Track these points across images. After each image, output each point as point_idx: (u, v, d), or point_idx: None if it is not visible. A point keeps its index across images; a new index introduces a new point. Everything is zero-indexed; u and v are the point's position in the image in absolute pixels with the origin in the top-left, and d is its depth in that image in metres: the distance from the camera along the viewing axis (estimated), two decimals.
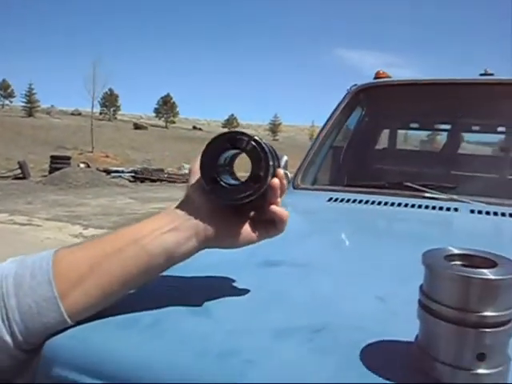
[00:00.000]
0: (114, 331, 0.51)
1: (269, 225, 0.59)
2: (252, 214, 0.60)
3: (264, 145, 0.54)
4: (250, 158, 0.54)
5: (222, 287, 0.63)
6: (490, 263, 0.42)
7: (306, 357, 0.46)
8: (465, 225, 1.24)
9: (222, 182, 0.55)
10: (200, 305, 0.57)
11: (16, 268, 0.52)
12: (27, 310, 0.49)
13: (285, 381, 0.42)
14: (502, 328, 0.39)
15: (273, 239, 0.61)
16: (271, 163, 0.54)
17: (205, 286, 0.64)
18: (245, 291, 0.62)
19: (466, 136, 2.37)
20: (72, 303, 0.51)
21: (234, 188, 0.55)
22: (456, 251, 0.44)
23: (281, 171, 0.57)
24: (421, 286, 0.44)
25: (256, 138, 0.54)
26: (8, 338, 0.49)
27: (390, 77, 2.02)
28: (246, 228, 0.58)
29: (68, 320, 0.51)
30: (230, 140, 0.54)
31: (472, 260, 0.44)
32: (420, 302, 0.43)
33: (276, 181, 0.56)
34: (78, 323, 0.52)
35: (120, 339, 0.50)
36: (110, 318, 0.53)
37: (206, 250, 0.58)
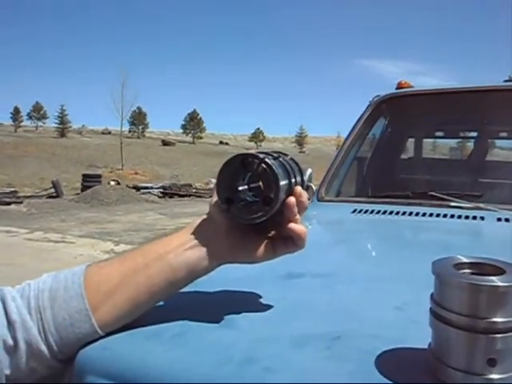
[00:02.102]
0: (141, 342, 0.54)
1: (288, 241, 0.60)
2: (271, 230, 0.61)
3: (275, 167, 0.55)
4: (261, 181, 0.56)
5: (243, 299, 0.66)
6: (499, 271, 0.43)
7: (322, 364, 0.48)
8: (491, 233, 1.23)
9: (236, 202, 0.57)
10: (222, 316, 0.60)
11: (51, 283, 0.57)
12: (61, 321, 0.53)
13: None
14: (511, 333, 0.40)
15: (296, 252, 0.62)
16: (284, 182, 0.56)
17: (227, 299, 0.67)
18: (265, 302, 0.64)
19: (493, 143, 2.34)
20: (102, 315, 0.55)
21: (246, 208, 0.57)
22: (465, 260, 0.46)
23: (298, 189, 0.59)
24: (432, 295, 0.45)
25: (267, 160, 0.56)
26: (44, 348, 0.53)
27: (412, 86, 2.03)
28: (265, 244, 0.60)
29: (99, 331, 0.54)
30: (243, 162, 0.56)
31: (481, 268, 0.45)
32: (431, 309, 0.44)
33: (292, 199, 0.57)
34: (108, 334, 0.55)
35: (147, 349, 0.53)
36: (138, 330, 0.56)
37: (229, 264, 0.60)
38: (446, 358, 0.43)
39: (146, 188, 17.92)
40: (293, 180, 0.59)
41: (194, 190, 18.36)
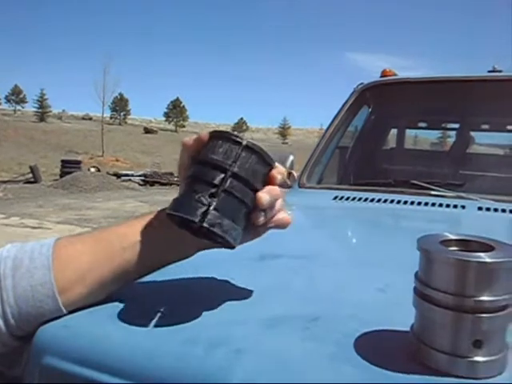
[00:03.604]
0: (104, 321, 0.50)
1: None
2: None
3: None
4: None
5: (214, 281, 0.62)
6: (487, 248, 0.40)
7: (298, 345, 0.45)
8: (472, 222, 1.22)
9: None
10: (191, 298, 0.57)
11: (16, 252, 0.52)
12: (22, 292, 0.49)
13: (274, 369, 0.41)
14: (499, 313, 0.38)
15: (269, 234, 0.59)
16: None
17: (197, 281, 0.63)
18: (238, 284, 0.61)
19: (476, 134, 2.34)
20: (69, 294, 0.51)
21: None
22: (452, 237, 0.43)
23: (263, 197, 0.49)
24: (416, 273, 0.42)
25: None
26: (0, 321, 0.48)
27: (396, 75, 2.01)
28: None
29: (62, 308, 0.50)
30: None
31: (468, 245, 0.42)
32: (415, 288, 0.42)
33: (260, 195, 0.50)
34: (70, 312, 0.51)
35: (110, 329, 0.49)
36: (101, 308, 0.53)
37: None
38: (429, 339, 0.40)
39: (127, 175, 17.72)
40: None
41: (175, 179, 18.18)
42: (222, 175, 0.48)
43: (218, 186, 0.48)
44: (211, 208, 0.47)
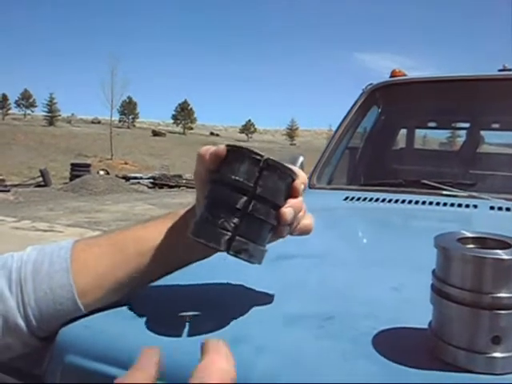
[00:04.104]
0: (125, 321, 0.51)
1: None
2: None
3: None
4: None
5: (231, 281, 0.63)
6: (504, 245, 0.41)
7: (315, 343, 0.45)
8: (485, 221, 1.22)
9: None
10: (209, 297, 0.58)
11: (36, 255, 0.53)
12: (43, 295, 0.50)
13: (292, 366, 0.41)
14: None
15: None
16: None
17: (215, 281, 0.64)
18: (255, 283, 0.61)
19: (486, 134, 2.33)
20: (88, 295, 0.52)
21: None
22: (469, 234, 0.44)
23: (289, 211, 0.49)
24: (433, 271, 0.43)
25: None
26: (21, 322, 0.50)
27: (405, 75, 2.01)
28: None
29: (82, 308, 0.51)
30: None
31: (485, 242, 0.43)
32: (433, 285, 0.42)
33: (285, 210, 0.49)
34: (90, 312, 0.52)
35: (130, 328, 0.50)
36: (122, 308, 0.54)
37: None
38: (447, 336, 0.41)
39: (136, 178, 17.82)
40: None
41: (184, 181, 18.26)
42: (245, 198, 0.46)
43: (241, 210, 0.46)
44: (236, 234, 0.46)
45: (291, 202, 0.50)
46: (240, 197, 0.46)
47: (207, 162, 0.49)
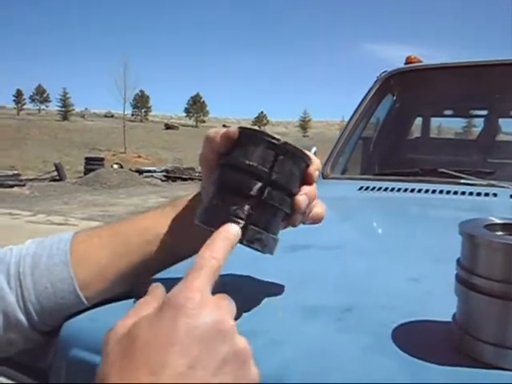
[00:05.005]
0: None
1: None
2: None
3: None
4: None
5: (246, 271, 0.61)
6: None
7: (333, 336, 0.43)
8: (506, 209, 1.17)
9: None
10: (225, 288, 0.55)
11: (34, 249, 0.52)
12: (43, 289, 0.48)
13: (306, 360, 0.39)
14: None
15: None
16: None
17: (229, 271, 0.62)
18: (270, 274, 0.59)
19: (504, 121, 2.26)
20: (89, 286, 0.50)
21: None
22: (497, 221, 0.40)
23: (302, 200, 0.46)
24: (458, 260, 0.40)
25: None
26: (22, 317, 0.48)
27: (421, 61, 1.95)
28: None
29: (85, 301, 0.50)
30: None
31: None
32: (457, 275, 0.39)
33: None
34: (95, 305, 0.51)
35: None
36: (127, 301, 0.51)
37: None
38: (474, 330, 0.38)
39: (149, 171, 17.89)
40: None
41: (197, 174, 18.28)
42: (259, 184, 0.43)
43: (254, 197, 0.43)
44: (249, 223, 0.43)
45: (305, 189, 0.47)
46: (254, 182, 0.43)
47: (217, 145, 0.46)
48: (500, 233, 0.40)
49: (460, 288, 0.39)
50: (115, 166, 18.05)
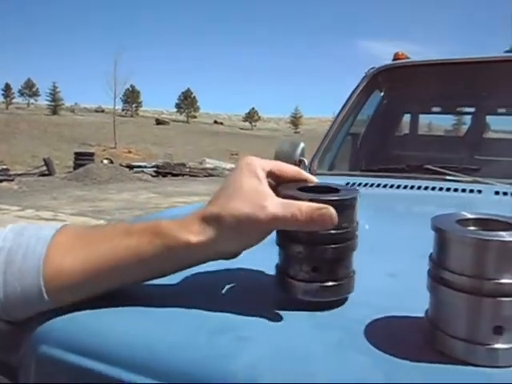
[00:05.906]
0: (109, 313, 0.48)
1: None
2: None
3: None
4: None
5: (219, 268, 0.60)
6: (508, 226, 0.37)
7: (304, 332, 0.42)
8: (489, 206, 1.18)
9: None
10: (197, 285, 0.54)
11: (11, 242, 0.50)
12: (12, 290, 0.47)
13: (280, 357, 0.38)
14: None
15: None
16: None
17: (210, 270, 0.61)
18: (247, 270, 0.58)
19: (492, 118, 2.27)
20: (59, 297, 0.48)
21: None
22: (469, 216, 0.40)
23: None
24: (430, 255, 0.39)
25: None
26: None
27: (409, 58, 1.95)
28: None
29: (54, 307, 0.48)
30: None
31: (487, 224, 0.39)
32: (429, 271, 0.39)
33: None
34: (75, 305, 0.49)
35: (114, 320, 0.47)
36: (106, 300, 0.50)
37: None
38: (445, 325, 0.37)
39: (140, 167, 17.78)
40: None
41: (187, 170, 18.24)
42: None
43: None
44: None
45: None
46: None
47: (301, 224, 0.45)
48: (472, 228, 0.39)
49: (432, 283, 0.38)
50: (105, 161, 17.93)
